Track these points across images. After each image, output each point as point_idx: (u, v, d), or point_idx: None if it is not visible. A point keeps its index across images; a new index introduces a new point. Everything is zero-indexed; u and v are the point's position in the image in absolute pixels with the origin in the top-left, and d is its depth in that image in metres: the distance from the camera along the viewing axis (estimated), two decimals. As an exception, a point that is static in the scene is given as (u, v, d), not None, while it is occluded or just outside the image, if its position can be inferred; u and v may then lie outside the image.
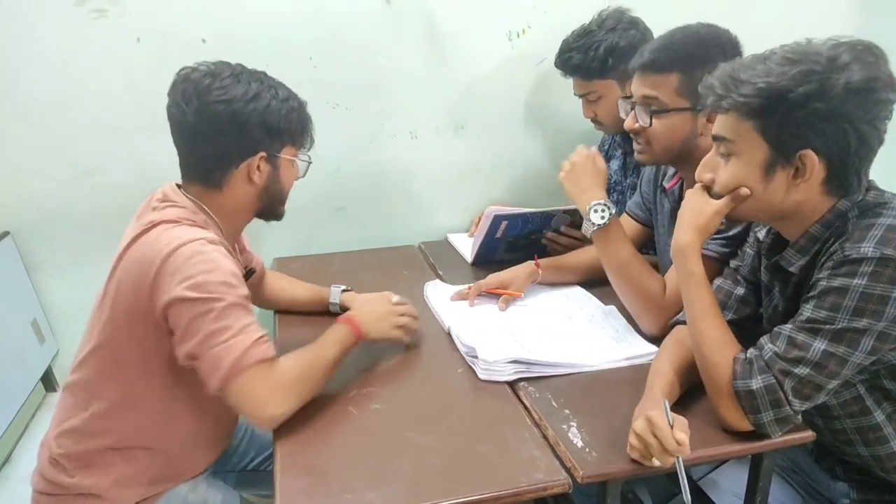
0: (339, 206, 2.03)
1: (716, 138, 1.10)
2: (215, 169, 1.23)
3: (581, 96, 1.82)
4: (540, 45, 2.01)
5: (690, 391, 1.19)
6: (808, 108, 0.99)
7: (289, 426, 1.15)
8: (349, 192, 2.02)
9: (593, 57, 1.71)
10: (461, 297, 1.56)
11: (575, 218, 1.77)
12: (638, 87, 1.38)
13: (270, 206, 1.31)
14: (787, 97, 0.99)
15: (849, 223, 1.05)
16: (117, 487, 1.20)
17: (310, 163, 1.34)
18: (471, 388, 1.27)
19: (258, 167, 1.23)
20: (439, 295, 1.60)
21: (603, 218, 1.40)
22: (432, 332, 1.48)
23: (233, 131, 1.19)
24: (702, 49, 1.32)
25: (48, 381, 1.87)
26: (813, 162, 1.02)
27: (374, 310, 1.36)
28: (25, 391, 1.70)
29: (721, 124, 1.08)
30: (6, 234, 1.78)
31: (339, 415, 1.19)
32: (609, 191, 1.83)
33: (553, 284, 1.64)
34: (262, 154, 1.22)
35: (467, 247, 1.91)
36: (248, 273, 1.42)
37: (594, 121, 1.83)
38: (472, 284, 1.57)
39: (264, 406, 1.11)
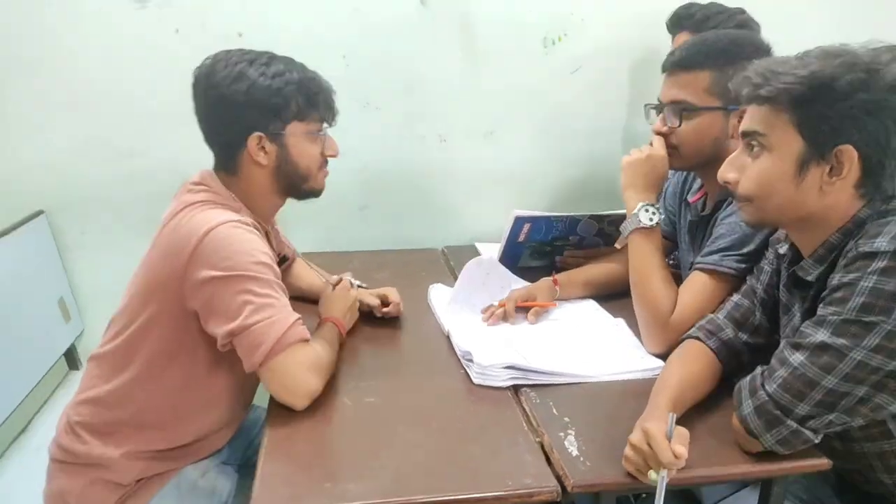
0: (364, 205, 2.03)
1: (745, 134, 1.04)
2: (226, 156, 1.25)
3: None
4: (575, 52, 1.99)
5: (699, 408, 1.14)
6: (852, 98, 0.94)
7: (282, 414, 1.14)
8: (374, 192, 2.02)
9: (703, 23, 1.71)
10: (497, 317, 1.45)
11: (602, 225, 1.73)
12: (667, 89, 1.35)
13: (292, 185, 1.28)
14: (831, 85, 0.94)
15: (867, 226, 0.99)
16: (125, 459, 1.21)
17: (323, 136, 1.29)
18: (470, 390, 1.24)
19: (263, 148, 1.22)
20: (442, 298, 1.56)
21: (651, 220, 1.37)
22: (436, 334, 1.45)
23: (226, 116, 1.20)
24: (736, 46, 1.29)
25: (71, 359, 1.91)
26: (851, 158, 0.97)
27: (342, 306, 1.39)
28: (46, 366, 1.74)
29: (753, 118, 1.03)
30: (40, 212, 1.84)
31: (333, 405, 1.18)
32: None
33: (567, 297, 1.59)
34: (259, 134, 1.20)
35: (494, 255, 1.88)
36: (281, 260, 1.42)
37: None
38: (501, 300, 1.49)
39: (304, 381, 1.13)
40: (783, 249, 1.15)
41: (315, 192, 1.32)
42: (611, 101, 2.04)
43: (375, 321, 1.51)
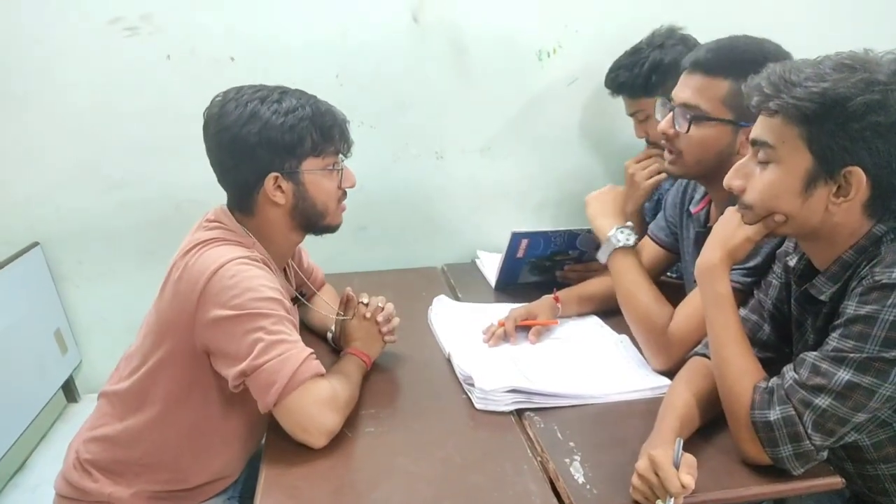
0: (362, 226, 2.01)
1: (755, 143, 1.01)
2: (241, 196, 1.23)
3: (630, 115, 1.76)
4: (571, 65, 1.97)
5: (709, 424, 1.11)
6: (865, 120, 0.91)
7: (280, 447, 1.11)
8: (372, 212, 1.99)
9: (637, 74, 1.66)
10: (498, 337, 1.42)
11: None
12: (681, 89, 1.28)
13: (310, 222, 1.26)
14: (845, 105, 0.91)
15: (882, 247, 0.97)
16: (135, 498, 1.20)
17: (340, 169, 1.27)
18: (472, 415, 1.21)
19: (279, 188, 1.19)
20: (442, 319, 1.54)
21: (628, 240, 1.35)
22: (437, 356, 1.43)
23: (240, 157, 1.17)
24: (762, 59, 1.18)
25: (69, 391, 1.89)
26: (860, 180, 0.94)
27: (365, 335, 1.34)
28: (44, 400, 1.72)
29: (763, 127, 1.00)
30: (36, 244, 1.83)
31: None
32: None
33: (568, 315, 1.56)
34: (275, 174, 1.18)
35: (494, 267, 1.86)
36: (297, 297, 1.39)
37: (647, 141, 1.75)
38: (501, 320, 1.46)
39: (321, 419, 1.09)
40: (793, 262, 1.12)
41: (332, 228, 1.30)
42: (608, 113, 2.01)
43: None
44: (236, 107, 1.16)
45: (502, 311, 1.51)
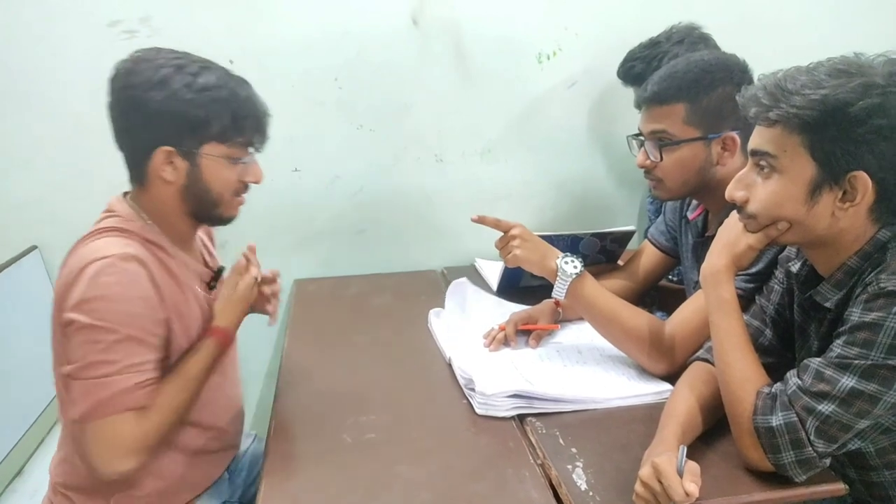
0: (361, 230, 2.00)
1: (755, 153, 1.01)
2: (133, 165, 1.13)
3: (638, 107, 1.75)
4: (571, 67, 1.97)
5: (712, 430, 1.10)
6: (868, 124, 0.90)
7: (280, 454, 1.11)
8: (371, 215, 1.99)
9: (655, 68, 1.64)
10: (499, 341, 1.41)
11: (605, 242, 1.70)
12: (645, 122, 1.33)
13: (201, 208, 1.16)
14: (846, 111, 0.91)
15: (888, 254, 0.96)
16: None
17: (242, 163, 1.14)
18: (473, 420, 1.21)
19: (171, 163, 1.09)
20: (442, 323, 1.53)
21: (576, 268, 1.31)
22: (437, 361, 1.42)
23: (134, 121, 1.08)
24: (706, 75, 1.26)
25: (68, 395, 1.87)
26: (865, 185, 0.93)
27: (230, 292, 1.22)
28: (42, 404, 1.70)
29: (763, 137, 0.99)
30: (34, 248, 1.82)
31: (332, 443, 1.15)
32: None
33: (570, 319, 1.55)
34: (168, 149, 1.08)
35: (495, 274, 1.85)
36: (217, 272, 1.28)
37: None
38: (501, 324, 1.45)
39: (117, 458, 1.03)
40: (795, 268, 1.12)
41: (224, 221, 1.20)
42: (608, 116, 2.01)
43: (375, 347, 1.47)
44: (148, 68, 1.06)
45: (504, 313, 1.50)
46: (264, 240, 1.95)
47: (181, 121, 1.07)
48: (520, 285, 1.78)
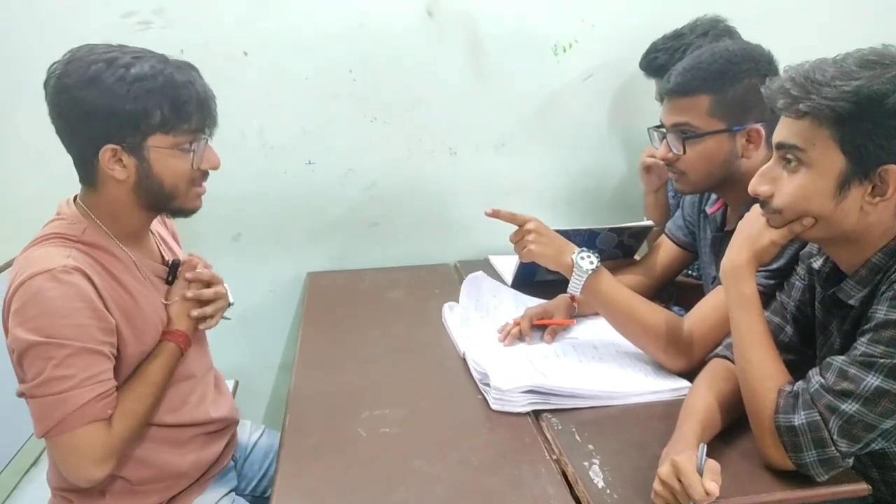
0: (374, 223, 1.99)
1: (781, 146, 0.98)
2: (80, 166, 1.11)
3: (659, 99, 1.74)
4: (587, 60, 1.95)
5: (732, 428, 1.09)
6: None
7: (295, 447, 1.11)
8: (385, 208, 1.98)
9: (678, 60, 1.62)
10: (513, 336, 1.41)
11: (622, 237, 1.68)
12: (667, 114, 1.31)
13: (158, 202, 1.13)
14: (882, 102, 0.88)
15: None
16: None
17: (193, 151, 1.10)
18: (488, 416, 1.20)
19: (120, 161, 1.06)
20: (456, 317, 1.52)
21: (592, 263, 1.29)
22: (451, 355, 1.41)
23: (75, 124, 1.05)
24: (732, 66, 1.24)
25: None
26: None
27: (182, 307, 1.20)
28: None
29: (790, 130, 0.96)
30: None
31: (347, 436, 1.14)
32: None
33: (585, 314, 1.53)
34: (113, 147, 1.05)
35: (509, 269, 1.84)
36: (172, 266, 1.22)
37: None
38: (516, 319, 1.44)
39: (87, 468, 1.03)
40: (817, 264, 1.10)
41: (185, 213, 1.17)
42: (624, 109, 1.99)
43: (389, 339, 1.46)
44: (79, 66, 1.03)
45: (519, 307, 1.49)
46: (277, 232, 1.96)
47: (120, 116, 1.03)
48: (535, 280, 1.76)
